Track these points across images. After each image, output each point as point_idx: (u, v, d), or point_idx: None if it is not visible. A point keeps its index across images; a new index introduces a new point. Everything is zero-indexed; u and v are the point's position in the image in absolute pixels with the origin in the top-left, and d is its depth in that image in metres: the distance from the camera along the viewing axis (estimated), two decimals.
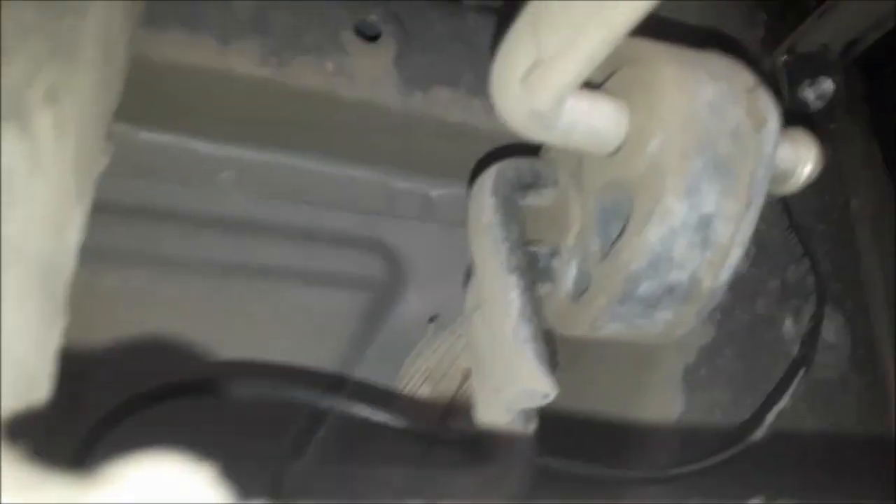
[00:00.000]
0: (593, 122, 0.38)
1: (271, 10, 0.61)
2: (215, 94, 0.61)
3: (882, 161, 0.74)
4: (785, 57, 0.76)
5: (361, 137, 0.66)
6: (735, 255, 0.40)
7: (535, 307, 0.42)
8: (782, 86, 0.74)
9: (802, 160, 0.43)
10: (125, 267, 0.65)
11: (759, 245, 0.64)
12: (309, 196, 0.68)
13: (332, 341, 0.70)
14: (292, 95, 0.62)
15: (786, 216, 0.63)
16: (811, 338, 0.58)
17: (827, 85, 0.75)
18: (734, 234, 0.39)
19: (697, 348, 0.59)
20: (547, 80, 0.30)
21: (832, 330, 0.63)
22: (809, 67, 0.76)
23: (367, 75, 0.64)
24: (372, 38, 0.65)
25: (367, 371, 0.69)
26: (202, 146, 0.64)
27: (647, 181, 0.38)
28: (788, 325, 0.62)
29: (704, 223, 0.38)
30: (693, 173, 0.37)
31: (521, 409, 0.41)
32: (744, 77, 0.39)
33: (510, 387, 0.40)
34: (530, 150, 0.52)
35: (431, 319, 0.69)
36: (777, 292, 0.63)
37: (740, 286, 0.61)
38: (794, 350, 0.61)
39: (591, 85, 0.41)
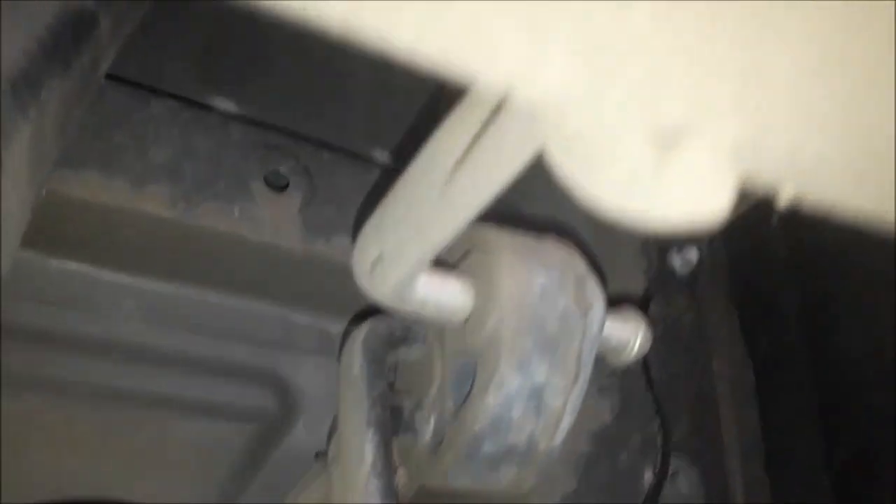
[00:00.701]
0: (442, 299, 0.43)
1: (186, 158, 0.66)
2: (125, 231, 0.65)
3: (740, 324, 0.82)
4: None
5: (263, 275, 0.71)
6: (567, 421, 0.45)
7: (389, 463, 0.46)
8: (653, 252, 0.83)
9: (633, 336, 0.49)
10: (10, 393, 0.66)
11: (624, 400, 0.69)
12: (207, 327, 0.71)
13: (214, 474, 0.71)
14: (197, 235, 0.66)
15: (645, 375, 0.70)
16: (654, 492, 0.63)
17: (692, 253, 0.84)
18: (565, 402, 0.44)
19: (560, 496, 0.63)
20: (388, 273, 0.36)
21: (687, 483, 0.68)
22: (677, 236, 0.85)
23: (272, 221, 0.69)
24: (281, 188, 0.71)
25: None
26: (107, 275, 0.67)
27: (487, 353, 0.43)
28: (648, 477, 0.67)
29: (537, 393, 0.43)
30: (524, 349, 0.42)
31: None
32: (574, 266, 0.45)
33: None
34: None
35: (317, 455, 0.71)
36: (639, 445, 0.68)
37: (604, 438, 0.66)
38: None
39: (446, 263, 0.47)
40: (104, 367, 0.68)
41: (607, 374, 0.68)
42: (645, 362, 0.70)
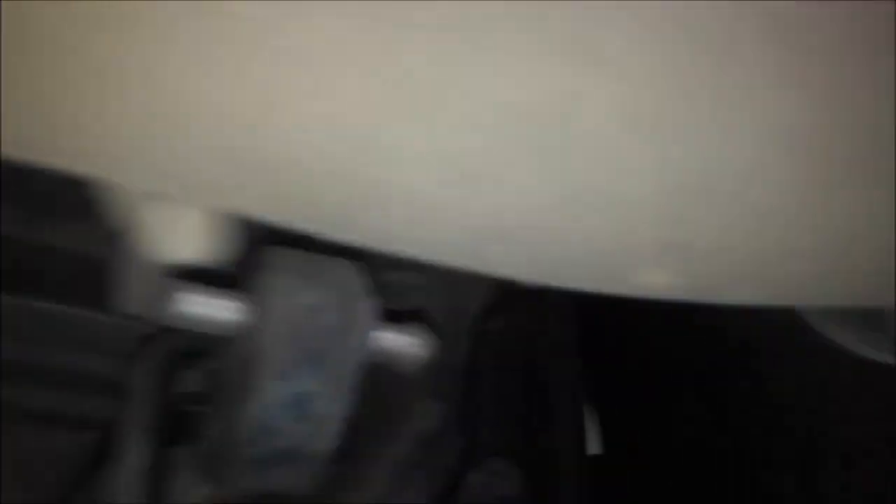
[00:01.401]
0: (207, 314, 0.47)
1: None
2: None
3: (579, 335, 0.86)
4: None
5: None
6: (333, 426, 0.48)
7: (161, 468, 0.49)
8: None
9: (409, 348, 0.53)
10: None
11: (454, 404, 0.73)
12: (54, 338, 0.73)
13: (53, 484, 0.73)
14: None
15: (469, 380, 0.73)
16: (474, 492, 0.67)
17: None
18: (331, 410, 0.48)
19: (375, 497, 0.66)
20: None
21: (512, 485, 0.72)
22: None
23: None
24: None
25: None
26: None
27: (253, 364, 0.47)
28: (473, 479, 0.71)
29: (300, 401, 0.47)
30: (286, 361, 0.46)
31: None
32: (352, 285, 0.49)
33: None
34: None
35: None
36: (466, 448, 0.72)
37: (430, 442, 0.70)
38: None
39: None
40: None
41: (437, 379, 0.71)
42: (473, 368, 0.74)
